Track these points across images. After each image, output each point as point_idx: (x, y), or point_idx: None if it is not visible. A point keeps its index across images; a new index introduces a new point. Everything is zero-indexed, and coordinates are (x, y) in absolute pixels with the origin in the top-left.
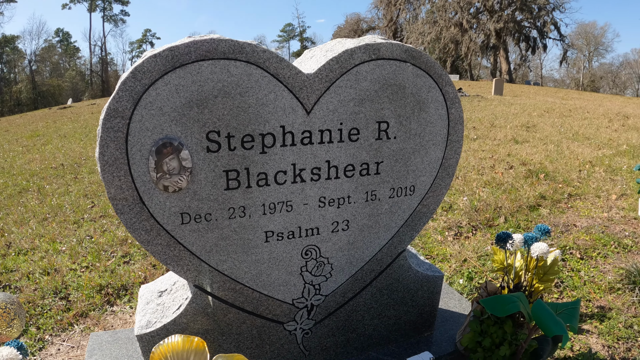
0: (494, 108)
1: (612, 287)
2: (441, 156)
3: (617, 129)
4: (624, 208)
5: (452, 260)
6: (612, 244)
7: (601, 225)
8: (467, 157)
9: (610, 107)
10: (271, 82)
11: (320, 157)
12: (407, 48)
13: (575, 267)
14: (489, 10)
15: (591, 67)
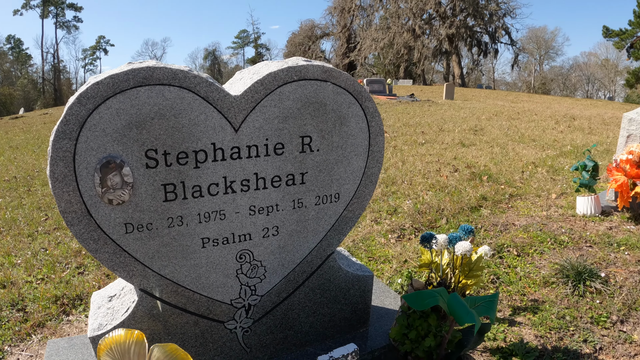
0: (444, 112)
1: (546, 282)
2: (363, 165)
3: (562, 130)
4: (563, 206)
5: (393, 261)
6: (548, 241)
7: (539, 223)
8: (415, 162)
9: (558, 109)
10: (202, 104)
11: (248, 170)
12: (327, 69)
13: (512, 263)
14: (441, 16)
15: (542, 70)
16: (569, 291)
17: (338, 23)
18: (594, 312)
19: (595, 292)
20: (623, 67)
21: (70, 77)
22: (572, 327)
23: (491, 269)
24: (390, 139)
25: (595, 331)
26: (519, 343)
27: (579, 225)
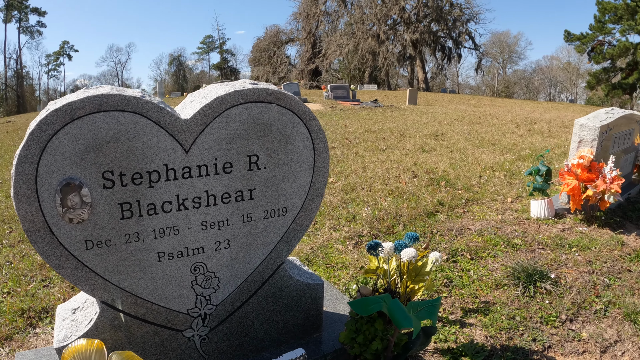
0: (406, 118)
1: (498, 284)
2: (309, 181)
3: (522, 134)
4: (518, 210)
5: (350, 267)
6: (502, 244)
7: (494, 227)
8: (375, 168)
9: (519, 113)
10: (154, 128)
11: (199, 188)
12: (271, 91)
13: (465, 267)
14: (406, 22)
15: (505, 74)
16: (519, 293)
17: (303, 29)
18: (544, 312)
19: (545, 293)
20: (584, 70)
21: (33, 83)
22: (521, 327)
23: (445, 273)
24: (352, 146)
25: (544, 330)
26: (469, 344)
27: (533, 228)
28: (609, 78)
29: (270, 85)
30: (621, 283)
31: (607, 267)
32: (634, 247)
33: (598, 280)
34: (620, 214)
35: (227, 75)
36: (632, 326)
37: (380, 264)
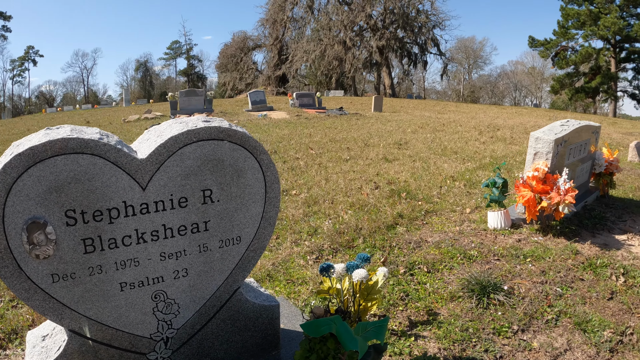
0: (371, 126)
1: (453, 296)
2: (261, 211)
3: (485, 142)
4: (476, 220)
5: (310, 283)
6: (458, 256)
7: (452, 239)
8: (338, 179)
9: (483, 119)
10: (112, 168)
11: (157, 222)
12: (223, 129)
13: (422, 280)
14: (372, 28)
15: (471, 78)
16: (473, 305)
17: (270, 35)
18: (496, 323)
19: (498, 304)
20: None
21: None
22: (474, 339)
23: (402, 287)
24: (316, 156)
25: (496, 341)
26: (422, 356)
27: (489, 239)
28: (572, 82)
29: (222, 121)
30: (573, 292)
31: (560, 276)
32: (588, 255)
33: (550, 290)
34: (576, 222)
35: (193, 81)
36: (582, 335)
37: (333, 285)
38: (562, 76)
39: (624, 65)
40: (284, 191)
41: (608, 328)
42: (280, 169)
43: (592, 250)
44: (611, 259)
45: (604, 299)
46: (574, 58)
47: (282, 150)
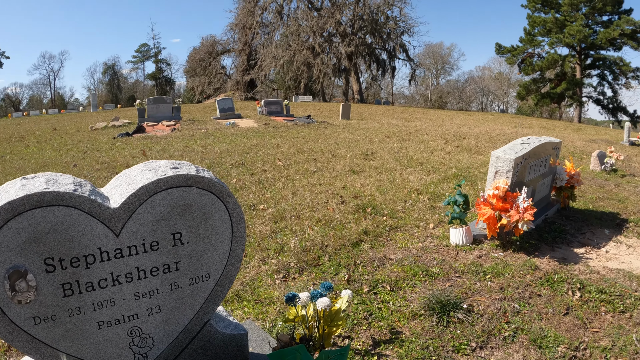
0: (338, 135)
1: (415, 315)
2: (228, 249)
3: (450, 151)
4: (439, 236)
5: (277, 302)
6: (421, 274)
7: (415, 255)
8: (304, 193)
9: (449, 128)
10: (87, 218)
11: (130, 265)
12: (190, 176)
13: (385, 299)
14: (341, 34)
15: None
16: (434, 323)
17: (239, 40)
18: (456, 341)
19: (458, 322)
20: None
21: None
22: (434, 357)
23: (366, 306)
24: (283, 168)
25: (455, 358)
26: None
27: (451, 256)
28: (538, 88)
29: (190, 167)
30: (530, 308)
31: (518, 292)
32: (546, 270)
33: (509, 307)
34: (536, 236)
35: (162, 85)
36: (537, 351)
37: (299, 312)
38: (528, 82)
39: (589, 71)
40: (252, 206)
41: (562, 344)
42: (248, 182)
43: (551, 265)
44: (569, 274)
45: (560, 314)
46: (540, 64)
47: (249, 162)
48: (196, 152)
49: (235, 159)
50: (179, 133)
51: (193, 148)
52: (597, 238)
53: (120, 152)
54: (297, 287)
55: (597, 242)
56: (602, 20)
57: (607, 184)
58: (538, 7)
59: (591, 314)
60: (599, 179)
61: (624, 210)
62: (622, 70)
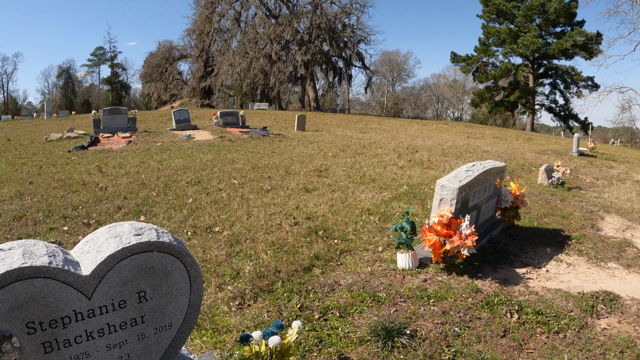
0: (293, 150)
1: (362, 340)
2: (188, 300)
3: (403, 166)
4: (386, 260)
5: (234, 330)
6: (368, 299)
7: (363, 280)
8: (259, 214)
9: (402, 140)
10: (62, 286)
11: (102, 322)
12: (152, 242)
13: (334, 325)
14: (298, 42)
15: (394, 91)
16: (379, 348)
17: (196, 46)
18: None
19: (402, 347)
20: (470, 87)
21: None
22: None
23: (316, 332)
24: (238, 187)
25: None
26: None
27: (398, 280)
28: (492, 96)
29: (151, 232)
30: (470, 332)
31: (459, 316)
32: (487, 293)
33: (450, 331)
34: (480, 258)
35: (117, 90)
36: None
37: (253, 350)
38: (482, 90)
39: (542, 80)
40: (208, 228)
41: None
42: (204, 202)
43: (492, 287)
44: (508, 295)
45: (498, 336)
46: (493, 73)
47: (205, 180)
48: (152, 168)
49: (191, 177)
50: (134, 146)
51: (149, 164)
52: (539, 257)
53: (76, 168)
54: (253, 314)
55: (539, 262)
56: (555, 31)
57: (553, 199)
58: (493, 18)
59: (527, 335)
60: (545, 193)
61: (567, 226)
62: (573, 80)
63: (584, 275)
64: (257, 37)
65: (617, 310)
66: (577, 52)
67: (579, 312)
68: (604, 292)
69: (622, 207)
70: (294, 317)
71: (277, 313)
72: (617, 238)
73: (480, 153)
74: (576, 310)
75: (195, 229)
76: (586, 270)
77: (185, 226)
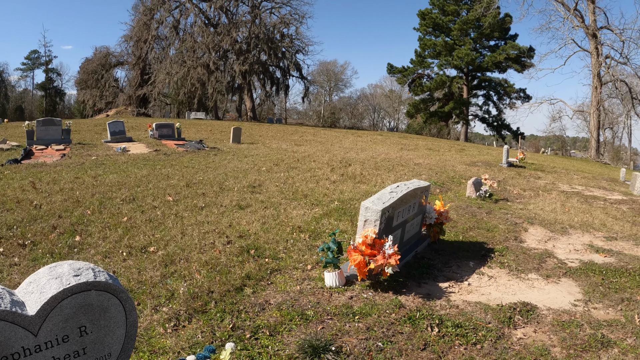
0: (227, 164)
1: (291, 357)
2: (124, 332)
3: (335, 181)
4: (315, 278)
5: (170, 352)
6: (297, 318)
7: (292, 299)
8: (193, 233)
9: (336, 153)
10: (12, 326)
11: (48, 356)
12: (90, 282)
13: (265, 344)
14: (237, 52)
15: (332, 100)
16: None
17: (133, 53)
18: None
19: None
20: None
21: None
22: None
23: (248, 351)
24: (173, 204)
25: None
26: None
27: (325, 298)
28: (427, 107)
29: (88, 273)
30: (392, 346)
31: (382, 332)
32: (410, 308)
33: (373, 346)
34: (404, 274)
35: (51, 96)
36: None
37: None
38: (417, 101)
39: (476, 92)
40: (143, 248)
41: None
42: (139, 221)
43: (415, 302)
44: (430, 310)
45: (418, 349)
46: (429, 85)
47: (140, 198)
48: (87, 184)
49: (126, 194)
50: (69, 160)
51: (84, 180)
52: (462, 271)
53: (10, 184)
54: (187, 335)
55: (462, 275)
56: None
57: (479, 212)
58: (429, 31)
59: (446, 347)
60: (473, 206)
61: (491, 239)
62: (506, 91)
63: (504, 287)
64: (196, 46)
65: (533, 320)
66: (510, 65)
67: (496, 324)
68: (522, 303)
69: (545, 219)
70: (226, 337)
71: (211, 333)
72: (538, 249)
73: (412, 166)
74: (494, 321)
75: (130, 249)
76: (507, 282)
77: (121, 246)
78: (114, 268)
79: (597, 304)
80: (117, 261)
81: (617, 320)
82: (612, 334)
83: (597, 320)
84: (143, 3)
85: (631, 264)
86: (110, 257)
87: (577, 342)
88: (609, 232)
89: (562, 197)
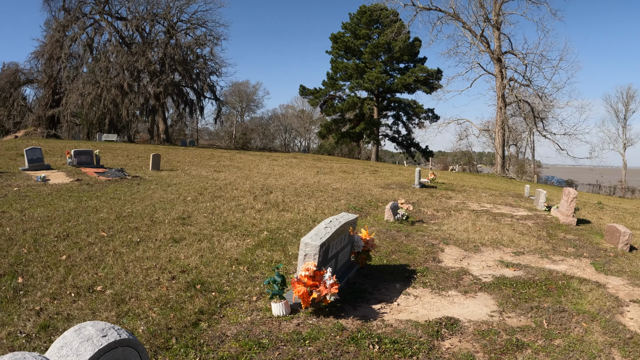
0: (153, 194)
1: None
2: None
3: (260, 209)
4: (262, 309)
5: None
6: (254, 347)
7: (246, 330)
8: (135, 269)
9: (256, 180)
10: None
11: None
12: (118, 340)
13: None
14: (151, 73)
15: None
16: None
17: (44, 71)
18: None
19: None
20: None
21: None
22: None
23: None
24: (108, 240)
25: None
26: None
27: (275, 326)
28: (339, 128)
29: (113, 334)
30: None
31: (332, 352)
32: (351, 329)
33: None
34: (341, 299)
35: None
36: None
37: None
38: (329, 122)
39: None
40: (89, 288)
41: None
42: (79, 259)
43: (355, 324)
44: (369, 330)
45: None
46: (340, 106)
47: (74, 234)
48: (15, 219)
49: (58, 229)
50: None
51: (11, 214)
52: (390, 293)
53: None
54: None
55: (391, 297)
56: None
57: (399, 235)
58: (341, 54)
59: None
60: (392, 230)
61: (412, 261)
62: (415, 112)
63: (429, 305)
64: (110, 66)
65: (457, 332)
66: (419, 86)
67: (427, 337)
68: (446, 318)
69: (459, 238)
70: None
71: None
72: (455, 268)
73: (331, 191)
74: (424, 335)
75: (77, 289)
76: (431, 300)
77: (66, 286)
78: (66, 310)
79: (510, 313)
80: (67, 302)
81: (528, 325)
82: (525, 337)
83: (512, 327)
84: (56, 19)
85: (537, 276)
86: (59, 299)
87: (496, 347)
88: (516, 247)
89: (472, 216)
